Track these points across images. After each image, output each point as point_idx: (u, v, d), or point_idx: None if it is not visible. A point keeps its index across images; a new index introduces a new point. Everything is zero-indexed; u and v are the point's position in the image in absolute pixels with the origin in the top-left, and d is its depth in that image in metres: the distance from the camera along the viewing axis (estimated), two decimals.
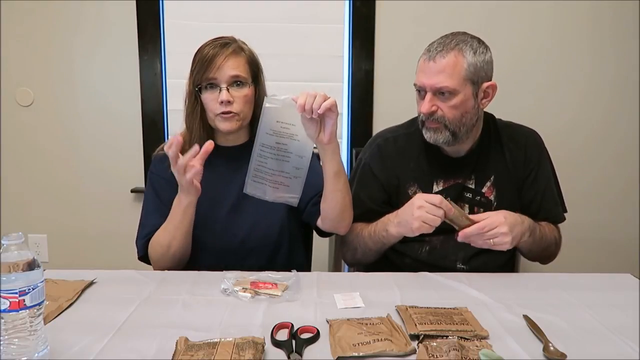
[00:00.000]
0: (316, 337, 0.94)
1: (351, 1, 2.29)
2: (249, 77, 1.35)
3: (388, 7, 2.28)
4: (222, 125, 1.34)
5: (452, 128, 1.31)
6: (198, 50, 1.36)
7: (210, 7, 2.29)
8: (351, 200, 1.34)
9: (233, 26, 2.28)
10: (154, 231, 1.35)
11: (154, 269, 1.36)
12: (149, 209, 1.41)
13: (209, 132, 1.38)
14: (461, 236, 1.23)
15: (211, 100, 1.32)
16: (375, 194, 1.44)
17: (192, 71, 1.35)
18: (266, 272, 1.22)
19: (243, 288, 1.12)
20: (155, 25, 2.30)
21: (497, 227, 1.21)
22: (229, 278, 1.16)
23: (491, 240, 1.22)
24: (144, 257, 1.39)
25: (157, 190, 1.40)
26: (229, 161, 1.41)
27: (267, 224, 1.39)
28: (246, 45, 1.39)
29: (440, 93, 1.29)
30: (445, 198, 1.24)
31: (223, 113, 1.32)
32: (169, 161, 1.36)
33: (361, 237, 1.39)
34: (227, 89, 1.31)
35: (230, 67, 1.31)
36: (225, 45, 1.33)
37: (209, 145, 1.19)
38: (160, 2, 2.30)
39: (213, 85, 1.32)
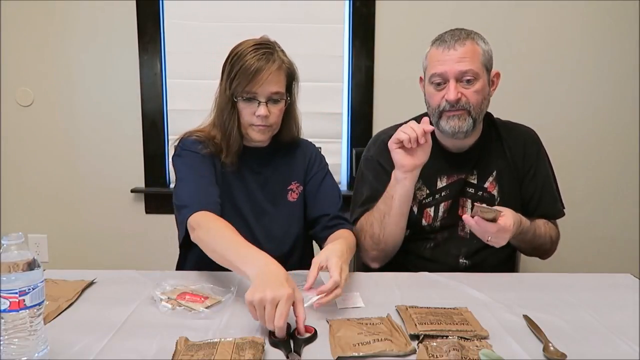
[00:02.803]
0: (314, 336, 0.94)
1: (351, 1, 2.29)
2: (285, 90, 1.34)
3: (388, 7, 2.28)
4: (256, 135, 1.34)
5: (474, 114, 1.32)
6: (238, 55, 1.29)
7: (210, 7, 2.29)
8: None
9: (233, 26, 2.28)
10: (205, 206, 1.21)
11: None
12: (187, 188, 1.28)
13: (241, 133, 1.37)
14: (465, 219, 1.23)
15: (248, 112, 1.31)
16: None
17: (230, 78, 1.30)
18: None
19: (168, 298, 1.07)
20: (155, 25, 2.30)
21: (505, 235, 1.22)
22: (164, 286, 1.12)
23: (489, 237, 1.23)
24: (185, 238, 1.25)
25: (195, 166, 1.32)
26: (249, 162, 1.40)
27: (284, 230, 1.40)
28: (285, 55, 1.36)
29: (465, 79, 1.30)
30: (480, 203, 1.25)
31: (258, 125, 1.32)
32: (203, 144, 1.34)
33: (376, 209, 1.38)
34: (266, 104, 1.30)
35: (272, 83, 1.29)
36: (269, 56, 1.29)
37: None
38: (160, 2, 2.30)
39: (251, 98, 1.30)
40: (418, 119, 1.48)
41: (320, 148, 1.69)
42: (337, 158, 2.41)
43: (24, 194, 2.43)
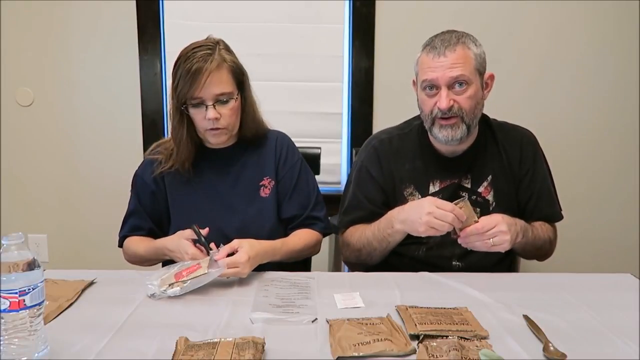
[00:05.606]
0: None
1: (351, 1, 2.29)
2: (234, 88, 1.32)
3: (388, 7, 2.28)
4: (213, 139, 1.36)
5: (468, 121, 1.31)
6: (179, 60, 1.30)
7: (210, 7, 2.29)
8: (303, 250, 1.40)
9: (233, 26, 2.28)
10: (131, 231, 1.44)
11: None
12: (130, 208, 1.47)
13: (195, 141, 1.39)
14: (462, 237, 1.23)
15: (199, 118, 1.32)
16: (374, 195, 1.44)
17: (175, 86, 1.30)
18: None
19: (170, 285, 1.11)
20: (155, 25, 2.30)
21: (495, 226, 1.21)
22: (153, 281, 1.13)
23: (490, 240, 1.21)
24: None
25: (139, 193, 1.45)
26: (217, 163, 1.41)
27: (256, 227, 1.39)
28: (228, 53, 1.33)
29: (457, 85, 1.29)
30: (461, 199, 1.24)
31: (212, 129, 1.32)
32: (155, 166, 1.40)
33: (365, 237, 1.39)
34: (214, 106, 1.29)
35: (214, 84, 1.27)
36: (207, 57, 1.27)
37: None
38: (160, 2, 2.30)
39: (199, 103, 1.30)
40: (414, 120, 1.48)
41: (319, 148, 1.69)
42: (337, 158, 2.41)
43: (24, 193, 2.43)
